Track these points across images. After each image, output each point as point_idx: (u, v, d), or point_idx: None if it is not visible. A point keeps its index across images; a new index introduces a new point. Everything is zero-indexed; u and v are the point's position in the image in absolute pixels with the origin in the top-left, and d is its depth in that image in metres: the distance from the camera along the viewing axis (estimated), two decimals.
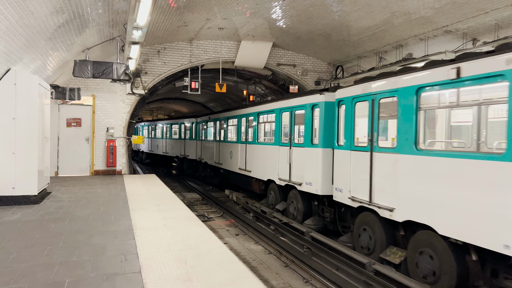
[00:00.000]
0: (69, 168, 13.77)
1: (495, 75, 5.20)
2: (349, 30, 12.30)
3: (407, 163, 6.73)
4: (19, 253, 4.98)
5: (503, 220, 4.96)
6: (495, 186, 5.09)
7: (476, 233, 5.33)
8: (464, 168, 5.58)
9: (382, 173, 7.43)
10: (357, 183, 8.16)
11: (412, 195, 6.55)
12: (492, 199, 5.13)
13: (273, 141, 12.15)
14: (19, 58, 7.97)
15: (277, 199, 12.02)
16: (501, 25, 9.44)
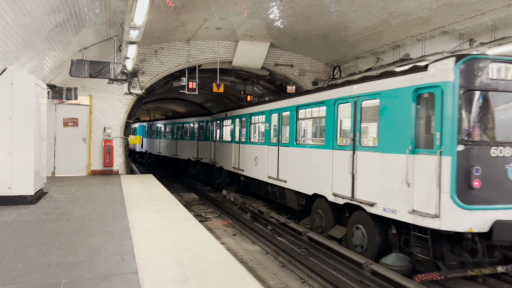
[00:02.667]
0: (66, 168, 13.72)
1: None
2: (347, 31, 12.31)
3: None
4: (15, 253, 4.96)
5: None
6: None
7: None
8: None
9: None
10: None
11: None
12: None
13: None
14: (15, 58, 7.94)
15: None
16: (498, 26, 9.47)
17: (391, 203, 7.08)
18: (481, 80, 6.23)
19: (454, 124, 6.13)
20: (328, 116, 9.19)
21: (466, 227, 6.09)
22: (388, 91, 7.36)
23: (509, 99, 6.54)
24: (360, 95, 8.09)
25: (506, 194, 6.22)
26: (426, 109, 6.74)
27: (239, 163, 15.04)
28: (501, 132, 6.54)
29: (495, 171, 6.24)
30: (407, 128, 6.82)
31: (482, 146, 6.23)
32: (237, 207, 13.85)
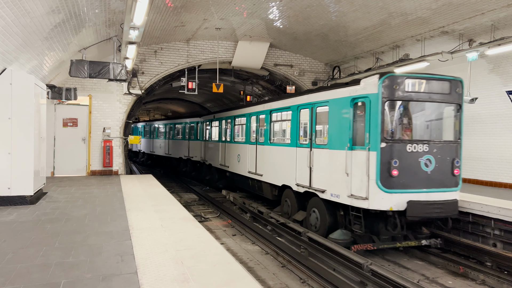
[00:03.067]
0: (66, 168, 13.72)
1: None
2: (346, 31, 12.32)
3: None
4: (14, 253, 4.95)
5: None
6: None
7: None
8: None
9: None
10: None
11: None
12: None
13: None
14: (15, 58, 7.94)
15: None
16: (497, 26, 9.48)
17: (336, 190, 8.80)
18: (399, 92, 7.92)
19: (378, 126, 7.76)
20: (293, 119, 10.86)
21: (387, 206, 7.79)
22: (334, 99, 9.07)
23: (421, 107, 8.35)
24: (315, 103, 9.80)
25: (418, 181, 7.93)
26: (360, 115, 8.35)
27: (225, 161, 16.59)
28: (415, 132, 8.32)
29: (410, 163, 7.92)
30: (346, 129, 8.52)
31: (400, 144, 7.92)
32: (237, 207, 13.85)
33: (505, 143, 11.64)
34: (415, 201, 7.75)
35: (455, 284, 7.33)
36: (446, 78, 8.38)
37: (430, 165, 8.04)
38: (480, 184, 12.49)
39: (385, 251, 9.34)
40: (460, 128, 8.56)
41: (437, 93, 8.23)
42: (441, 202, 7.98)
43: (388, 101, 7.87)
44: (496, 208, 8.47)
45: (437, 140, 8.28)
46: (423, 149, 8.01)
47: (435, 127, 8.65)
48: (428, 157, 8.03)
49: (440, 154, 8.15)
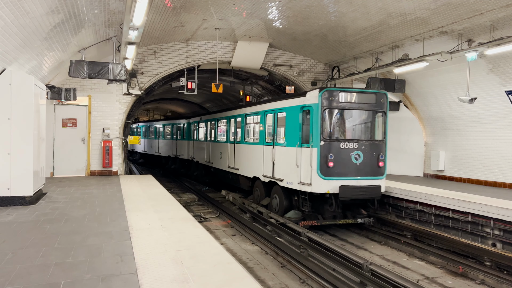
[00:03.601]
0: (65, 168, 13.71)
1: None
2: (345, 31, 12.33)
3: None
4: (14, 254, 4.95)
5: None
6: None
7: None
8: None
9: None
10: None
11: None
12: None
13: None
14: (14, 58, 7.93)
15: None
16: (496, 26, 9.49)
17: (290, 178, 10.96)
18: (334, 103, 10.11)
19: (319, 129, 9.98)
20: (261, 122, 13.05)
21: (325, 190, 9.97)
22: (289, 107, 11.30)
23: (352, 114, 10.61)
24: (277, 109, 12.04)
25: (349, 170, 10.13)
26: (306, 119, 10.52)
27: (210, 158, 18.60)
28: (347, 133, 10.66)
29: (343, 157, 10.11)
30: (297, 131, 10.74)
31: (335, 142, 10.13)
32: (236, 207, 13.85)
33: (505, 143, 11.66)
34: (345, 186, 9.92)
35: (455, 284, 7.34)
36: (373, 91, 10.69)
37: (359, 159, 10.25)
38: (479, 184, 12.50)
39: (385, 251, 9.38)
40: (385, 130, 10.74)
41: (365, 103, 10.47)
42: (367, 187, 10.13)
43: (326, 109, 10.09)
44: (495, 208, 8.49)
45: (365, 139, 10.53)
46: (353, 146, 10.23)
47: (364, 129, 10.86)
48: (357, 153, 10.24)
49: (367, 150, 10.37)
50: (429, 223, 10.38)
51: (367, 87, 13.03)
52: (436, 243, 9.35)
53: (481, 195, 9.91)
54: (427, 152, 14.89)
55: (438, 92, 13.29)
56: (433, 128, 14.49)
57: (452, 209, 9.59)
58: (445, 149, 13.99)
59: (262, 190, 13.00)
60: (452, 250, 8.84)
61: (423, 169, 15.11)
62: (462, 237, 9.33)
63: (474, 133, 12.66)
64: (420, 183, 12.62)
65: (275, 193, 12.00)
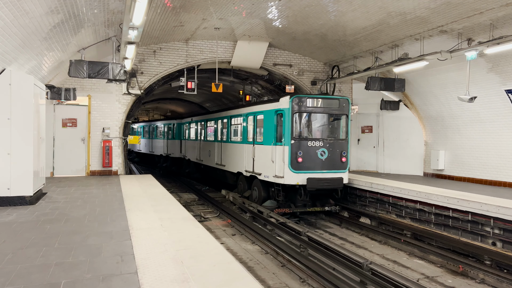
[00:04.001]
0: (65, 168, 13.70)
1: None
2: (345, 30, 12.32)
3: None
4: (14, 254, 4.95)
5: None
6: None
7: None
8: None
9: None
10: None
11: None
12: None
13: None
14: (14, 58, 7.93)
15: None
16: (496, 25, 9.49)
17: (267, 172, 12.58)
18: (303, 107, 11.77)
19: (289, 129, 11.63)
20: (243, 123, 14.70)
21: (295, 181, 11.58)
22: (266, 110, 12.92)
23: (317, 117, 12.23)
24: (256, 112, 13.64)
25: (315, 165, 11.75)
26: (280, 121, 12.12)
27: (200, 156, 20.32)
28: (314, 133, 12.22)
29: (310, 153, 11.71)
30: (272, 131, 12.38)
31: (303, 141, 11.74)
32: (236, 207, 13.86)
33: (505, 142, 11.66)
34: (312, 178, 11.54)
35: (455, 283, 7.34)
36: (336, 97, 12.41)
37: (324, 155, 11.88)
38: (479, 183, 12.51)
39: (385, 249, 9.39)
40: (347, 130, 12.40)
41: (329, 107, 12.12)
42: (330, 179, 11.78)
43: (296, 113, 11.72)
44: (495, 206, 8.50)
45: (329, 138, 12.16)
46: (319, 144, 11.87)
47: (328, 129, 12.45)
48: (322, 149, 11.87)
49: (331, 147, 11.99)
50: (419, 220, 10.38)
51: (366, 86, 13.04)
52: (436, 242, 9.36)
53: (481, 194, 9.91)
54: (427, 151, 14.89)
55: (438, 91, 13.29)
56: (433, 127, 14.49)
57: (452, 208, 9.60)
58: (445, 148, 14.00)
59: (244, 183, 14.65)
60: (452, 249, 8.85)
61: (423, 168, 15.12)
62: (462, 236, 9.34)
63: (474, 132, 12.66)
64: (420, 182, 12.62)
65: (255, 185, 13.69)
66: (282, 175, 11.70)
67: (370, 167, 16.74)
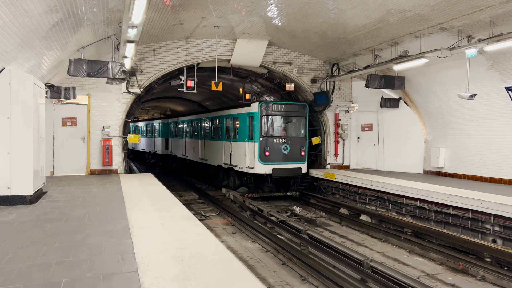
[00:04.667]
0: (65, 167, 13.70)
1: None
2: (345, 28, 12.30)
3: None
4: (14, 253, 4.95)
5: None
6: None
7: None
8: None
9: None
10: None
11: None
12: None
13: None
14: (13, 58, 7.92)
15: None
16: (496, 22, 9.47)
17: (241, 164, 15.33)
18: (269, 111, 14.77)
19: (258, 129, 14.54)
20: (222, 124, 17.55)
21: (263, 171, 14.47)
22: (240, 113, 15.79)
23: (281, 119, 15.20)
24: (233, 114, 16.45)
25: (279, 158, 14.68)
26: (251, 123, 14.90)
27: (185, 152, 22.96)
28: (278, 132, 15.13)
29: (275, 148, 14.64)
30: (245, 131, 15.16)
31: (270, 138, 14.70)
32: (237, 205, 13.86)
33: (505, 140, 11.66)
34: (277, 168, 14.60)
35: (455, 280, 7.35)
36: (296, 103, 15.76)
37: (286, 149, 14.82)
38: (479, 180, 12.51)
39: (385, 247, 9.39)
40: (305, 129, 15.46)
41: (291, 111, 15.24)
42: (291, 168, 14.83)
43: (264, 116, 14.71)
44: (495, 204, 8.50)
45: (290, 136, 15.15)
46: (282, 141, 14.88)
47: (290, 129, 15.44)
48: (285, 145, 14.85)
49: (292, 143, 15.01)
50: (419, 218, 10.38)
51: (366, 84, 13.03)
52: (437, 239, 9.36)
53: (481, 192, 9.91)
54: (427, 149, 14.89)
55: (437, 89, 13.27)
56: (433, 125, 14.49)
57: (452, 206, 9.61)
58: (445, 146, 13.99)
59: (223, 174, 17.47)
60: (452, 247, 8.86)
61: (423, 166, 15.12)
62: (462, 233, 9.34)
63: (474, 129, 12.65)
64: (420, 179, 12.63)
65: (232, 175, 16.55)
66: (253, 166, 14.65)
67: (370, 165, 16.74)
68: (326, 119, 16.80)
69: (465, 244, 8.62)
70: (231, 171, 16.55)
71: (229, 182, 16.76)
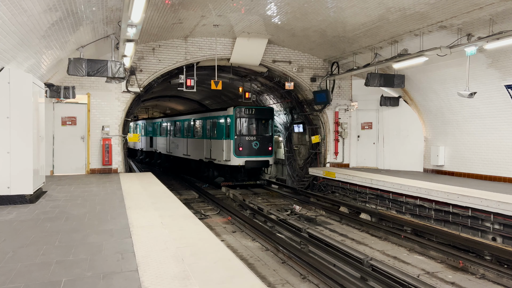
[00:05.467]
0: (65, 167, 13.69)
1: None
2: (345, 26, 12.29)
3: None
4: (14, 252, 4.95)
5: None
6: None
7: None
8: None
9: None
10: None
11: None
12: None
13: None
14: (12, 57, 7.91)
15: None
16: (496, 20, 9.47)
17: (219, 158, 18.05)
18: (242, 114, 17.73)
19: (233, 129, 17.45)
20: (203, 124, 20.54)
21: (238, 163, 17.36)
22: (218, 116, 18.72)
23: (252, 121, 18.08)
24: (212, 117, 19.46)
25: (251, 152, 17.56)
26: (228, 124, 17.66)
27: (170, 149, 25.72)
28: (250, 131, 17.94)
29: (248, 145, 17.58)
30: (223, 130, 17.89)
31: (243, 136, 17.63)
32: (237, 204, 13.87)
33: (504, 138, 11.66)
34: (248, 160, 17.52)
35: (455, 278, 7.36)
36: (264, 107, 19.51)
37: (256, 145, 17.82)
38: (479, 178, 12.51)
39: (385, 245, 9.40)
40: (272, 129, 18.65)
41: (260, 114, 18.34)
42: (260, 161, 17.89)
43: (237, 118, 17.63)
44: (495, 202, 8.50)
45: (260, 135, 18.13)
46: (253, 138, 17.86)
47: (260, 128, 18.36)
48: (255, 142, 17.85)
49: (261, 140, 18.03)
50: (419, 216, 10.38)
51: (366, 83, 13.02)
52: (437, 238, 9.37)
53: (481, 190, 9.92)
54: (427, 147, 14.89)
55: (437, 87, 13.27)
56: (432, 123, 14.48)
57: (452, 204, 9.61)
58: (444, 144, 13.99)
59: (204, 167, 20.51)
60: (452, 245, 8.86)
61: (423, 164, 15.12)
62: (462, 231, 9.35)
63: (474, 127, 12.65)
64: (420, 178, 12.63)
65: (211, 167, 19.76)
66: (229, 159, 17.57)
67: (370, 164, 16.74)
68: (326, 118, 16.79)
69: (465, 242, 8.63)
70: (211, 164, 19.45)
71: (209, 174, 19.90)
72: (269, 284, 6.95)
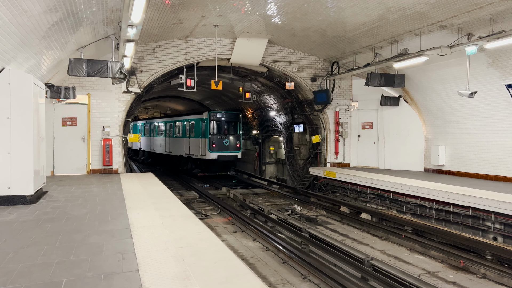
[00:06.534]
0: (65, 167, 13.70)
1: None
2: (345, 26, 12.29)
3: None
4: (15, 253, 4.96)
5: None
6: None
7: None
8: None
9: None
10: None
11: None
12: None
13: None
14: (13, 57, 7.91)
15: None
16: (496, 20, 9.46)
17: (196, 153, 22.30)
18: (215, 117, 22.09)
19: (208, 130, 21.64)
20: (183, 126, 24.09)
21: (212, 157, 21.44)
22: (196, 118, 22.90)
23: (223, 122, 22.27)
24: (191, 119, 23.40)
25: (222, 148, 21.66)
26: (204, 125, 21.92)
27: (153, 147, 29.68)
28: (221, 131, 22.17)
29: (220, 142, 21.68)
30: (200, 130, 22.08)
31: (215, 135, 21.72)
32: (237, 204, 13.87)
33: (505, 137, 11.65)
34: (220, 155, 20.98)
35: (456, 278, 7.35)
36: (233, 112, 22.86)
37: (227, 143, 21.49)
38: (480, 178, 12.51)
39: (386, 245, 9.41)
40: (240, 130, 22.26)
41: (229, 117, 22.17)
42: (230, 155, 21.54)
43: (211, 121, 21.46)
44: (496, 201, 8.49)
45: (230, 134, 21.78)
46: (224, 137, 21.52)
47: (229, 129, 21.99)
48: (226, 140, 21.50)
49: (231, 139, 21.70)
50: (420, 216, 10.38)
51: (366, 82, 13.02)
52: (437, 237, 9.36)
53: (481, 189, 9.91)
54: (427, 147, 14.88)
55: (438, 87, 13.26)
56: (433, 123, 14.48)
57: (452, 203, 9.60)
58: (445, 144, 13.98)
59: (184, 162, 23.92)
60: (453, 244, 8.86)
61: (423, 164, 15.12)
62: (463, 231, 9.35)
63: (474, 127, 12.64)
64: (420, 177, 12.62)
65: (189, 161, 23.28)
66: (205, 154, 21.27)
67: (370, 163, 16.74)
68: (326, 118, 16.79)
69: (466, 242, 8.62)
70: (189, 159, 23.36)
71: (187, 166, 23.82)
72: (269, 284, 6.95)
